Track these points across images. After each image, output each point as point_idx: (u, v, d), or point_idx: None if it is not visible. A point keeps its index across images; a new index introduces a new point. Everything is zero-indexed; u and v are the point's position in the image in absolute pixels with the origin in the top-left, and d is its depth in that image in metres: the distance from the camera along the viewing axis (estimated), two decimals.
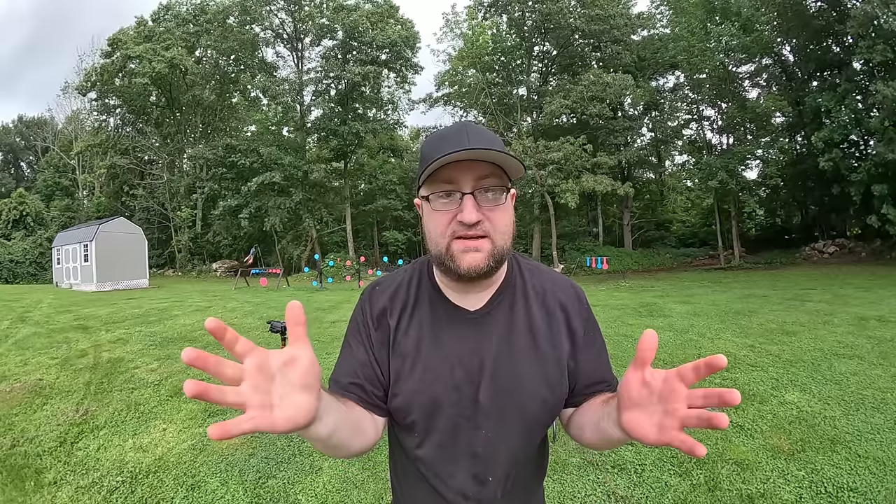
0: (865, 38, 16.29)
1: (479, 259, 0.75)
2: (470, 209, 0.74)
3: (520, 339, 0.83)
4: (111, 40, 28.82)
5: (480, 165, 0.75)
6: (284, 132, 31.15)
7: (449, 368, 0.80)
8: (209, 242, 31.67)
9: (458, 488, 0.81)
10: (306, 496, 2.65)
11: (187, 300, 12.53)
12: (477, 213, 0.74)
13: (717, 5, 20.32)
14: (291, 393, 0.51)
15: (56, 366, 5.41)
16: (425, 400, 0.80)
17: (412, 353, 0.82)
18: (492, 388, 0.80)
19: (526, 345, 0.83)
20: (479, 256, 0.75)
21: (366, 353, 0.85)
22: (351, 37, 26.30)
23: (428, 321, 0.84)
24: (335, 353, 3.85)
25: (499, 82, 27.94)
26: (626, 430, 0.61)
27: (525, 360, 0.82)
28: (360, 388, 0.83)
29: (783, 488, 2.53)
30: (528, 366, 0.82)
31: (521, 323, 0.84)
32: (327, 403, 0.62)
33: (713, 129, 24.81)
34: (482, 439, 0.80)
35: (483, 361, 0.81)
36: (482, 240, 0.76)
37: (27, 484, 2.79)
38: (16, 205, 28.51)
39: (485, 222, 0.75)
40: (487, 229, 0.76)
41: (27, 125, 47.53)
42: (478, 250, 0.75)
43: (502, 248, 0.78)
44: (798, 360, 4.86)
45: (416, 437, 0.83)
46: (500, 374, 0.81)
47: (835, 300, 8.79)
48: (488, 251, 0.76)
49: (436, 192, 0.77)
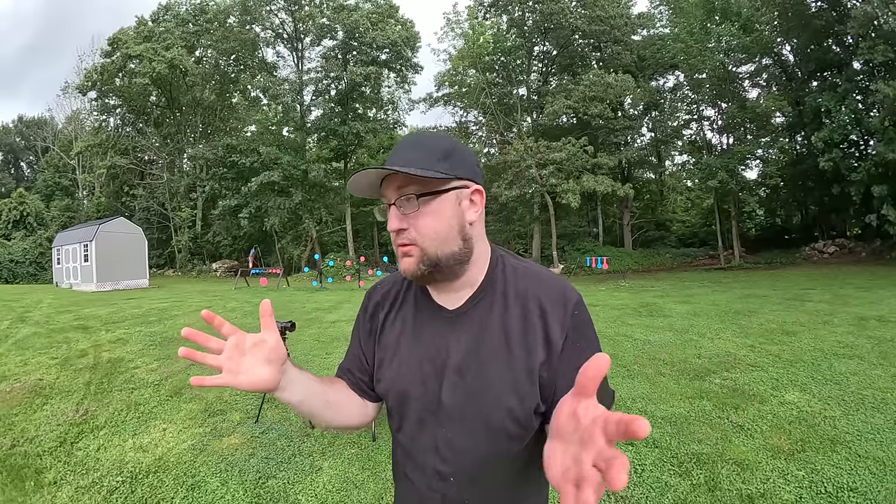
0: (866, 39, 16.29)
1: (409, 263, 0.81)
2: (391, 218, 0.81)
3: (492, 341, 0.82)
4: (111, 40, 28.83)
5: (398, 177, 0.79)
6: (284, 132, 31.15)
7: (418, 363, 0.85)
8: (209, 242, 31.66)
9: (426, 479, 0.85)
10: (306, 496, 2.65)
11: (187, 300, 12.53)
12: (398, 222, 0.80)
13: (718, 5, 20.31)
14: (256, 365, 0.71)
15: (56, 366, 5.41)
16: (398, 389, 0.87)
17: (393, 345, 0.90)
18: (455, 388, 0.82)
19: (498, 347, 0.82)
20: (409, 261, 0.81)
21: (357, 343, 0.97)
22: (351, 37, 26.30)
23: (411, 317, 0.90)
24: (335, 353, 3.91)
25: (499, 82, 27.93)
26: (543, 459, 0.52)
27: (494, 364, 0.81)
28: (348, 373, 0.96)
29: (783, 488, 2.53)
30: (496, 369, 0.80)
31: (495, 324, 0.83)
32: (295, 378, 0.79)
33: (713, 129, 24.82)
34: (443, 437, 0.83)
35: (448, 360, 0.83)
36: (410, 247, 0.80)
37: (27, 484, 2.79)
38: (16, 205, 28.51)
39: (410, 230, 0.80)
40: (413, 237, 0.80)
41: (27, 125, 47.51)
42: (408, 255, 0.80)
43: (435, 254, 0.79)
44: (798, 360, 4.86)
45: (395, 422, 0.91)
46: (466, 374, 0.82)
47: (835, 300, 8.79)
48: (417, 256, 0.80)
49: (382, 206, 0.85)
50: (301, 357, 5.75)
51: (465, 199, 0.82)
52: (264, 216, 26.28)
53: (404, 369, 0.87)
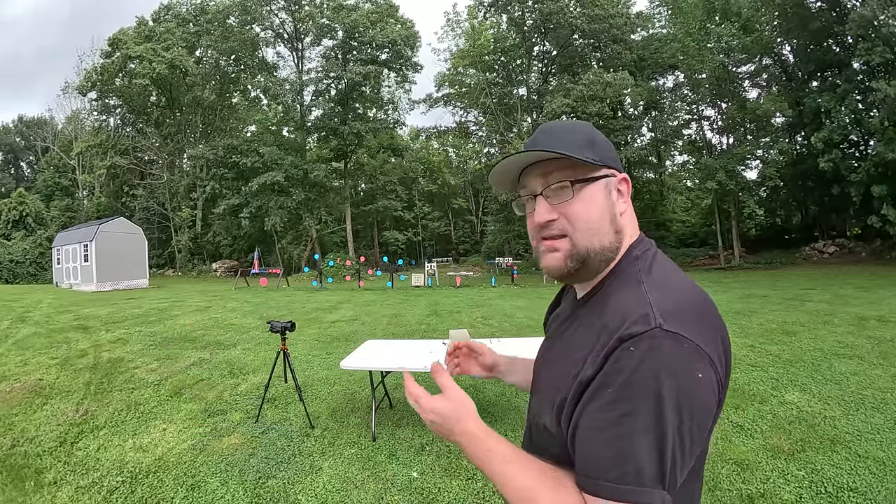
0: (865, 40, 16.30)
1: (556, 259, 0.74)
2: (539, 210, 0.74)
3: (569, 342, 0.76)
4: (111, 40, 28.84)
5: (546, 164, 0.74)
6: (284, 132, 31.17)
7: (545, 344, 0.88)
8: (209, 242, 31.67)
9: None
10: (306, 496, 2.65)
11: (187, 300, 12.53)
12: (548, 213, 0.73)
13: (717, 5, 20.33)
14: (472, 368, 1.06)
15: (56, 366, 5.41)
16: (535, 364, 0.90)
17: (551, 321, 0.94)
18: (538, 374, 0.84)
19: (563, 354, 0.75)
20: (556, 257, 0.74)
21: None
22: (351, 36, 26.32)
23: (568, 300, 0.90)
24: (336, 353, 3.90)
25: (499, 82, 27.96)
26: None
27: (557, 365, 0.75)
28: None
29: (783, 488, 2.53)
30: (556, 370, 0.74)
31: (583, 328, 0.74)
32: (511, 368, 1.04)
33: (713, 130, 24.84)
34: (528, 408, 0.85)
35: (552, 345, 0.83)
36: (560, 240, 0.74)
37: (27, 484, 2.79)
38: (16, 205, 28.51)
39: (560, 220, 0.73)
40: (564, 227, 0.73)
41: (27, 125, 47.53)
42: (556, 250, 0.74)
43: (585, 247, 0.72)
44: (798, 360, 4.86)
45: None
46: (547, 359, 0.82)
47: (835, 300, 8.79)
48: (566, 251, 0.73)
49: (522, 198, 0.80)
50: (301, 357, 5.75)
51: (613, 189, 0.76)
52: (265, 216, 26.30)
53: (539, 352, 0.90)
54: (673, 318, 0.61)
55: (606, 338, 0.63)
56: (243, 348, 6.34)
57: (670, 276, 0.72)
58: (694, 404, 0.58)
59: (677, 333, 0.59)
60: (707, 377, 0.60)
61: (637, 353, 0.59)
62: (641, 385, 0.58)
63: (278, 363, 3.89)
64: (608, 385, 0.60)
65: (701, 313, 0.66)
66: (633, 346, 0.59)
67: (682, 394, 0.58)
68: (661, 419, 0.57)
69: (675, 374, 0.58)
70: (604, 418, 0.59)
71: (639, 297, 0.65)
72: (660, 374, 0.57)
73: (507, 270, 21.01)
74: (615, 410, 0.58)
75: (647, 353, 0.58)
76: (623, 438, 0.57)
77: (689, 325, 0.61)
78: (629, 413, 0.57)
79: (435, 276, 18.21)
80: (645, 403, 0.57)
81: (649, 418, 0.57)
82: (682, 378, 0.58)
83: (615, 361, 0.60)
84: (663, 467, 0.57)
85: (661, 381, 0.57)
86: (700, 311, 0.66)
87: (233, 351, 6.18)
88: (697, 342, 0.60)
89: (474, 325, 7.99)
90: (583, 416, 0.62)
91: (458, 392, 0.75)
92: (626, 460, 0.57)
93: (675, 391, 0.57)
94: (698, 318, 0.64)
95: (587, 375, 0.63)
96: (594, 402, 0.61)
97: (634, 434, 0.57)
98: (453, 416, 0.72)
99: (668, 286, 0.68)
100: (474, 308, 10.43)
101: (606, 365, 0.61)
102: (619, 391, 0.59)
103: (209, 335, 7.27)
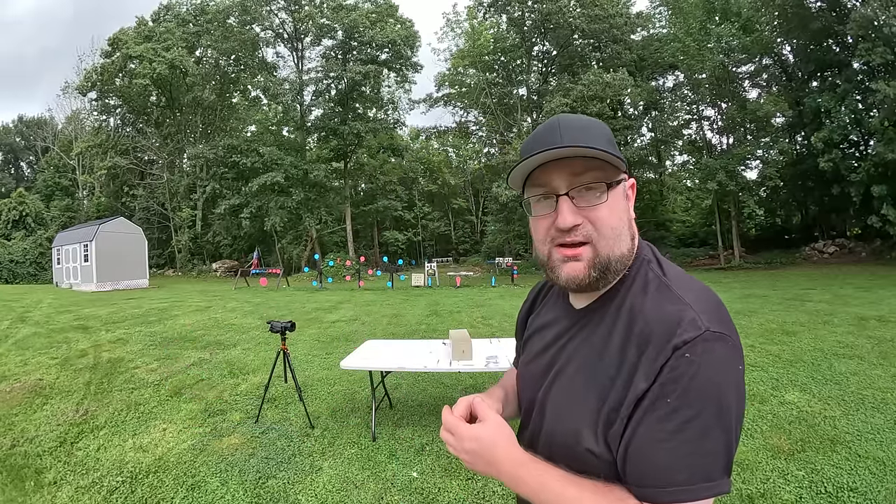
0: (866, 40, 16.30)
1: (578, 269, 0.69)
2: (565, 213, 0.68)
3: (590, 354, 0.70)
4: (111, 40, 28.84)
5: (575, 162, 0.68)
6: (284, 132, 31.17)
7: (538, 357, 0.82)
8: (209, 242, 31.68)
9: None
10: (306, 496, 2.65)
11: (187, 300, 12.53)
12: (574, 216, 0.67)
13: (717, 5, 20.33)
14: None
15: (56, 366, 5.41)
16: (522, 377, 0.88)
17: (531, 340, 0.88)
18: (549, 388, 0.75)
19: (588, 364, 0.70)
20: (578, 267, 0.68)
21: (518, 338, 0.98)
22: (351, 36, 26.33)
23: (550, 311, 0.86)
24: (335, 353, 3.90)
25: (499, 82, 27.95)
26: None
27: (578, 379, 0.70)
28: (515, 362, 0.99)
29: (783, 488, 2.53)
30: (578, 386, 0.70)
31: (599, 336, 0.70)
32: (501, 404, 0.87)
33: (713, 130, 24.84)
34: (532, 434, 0.79)
35: (556, 359, 0.76)
36: (583, 247, 0.68)
37: (27, 484, 2.79)
38: (16, 205, 28.51)
39: (585, 225, 0.68)
40: (589, 234, 0.68)
41: (27, 125, 47.53)
42: (578, 259, 0.69)
43: (607, 255, 0.68)
44: (798, 360, 4.86)
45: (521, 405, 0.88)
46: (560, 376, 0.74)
47: (835, 300, 8.79)
48: (589, 260, 0.68)
49: (533, 196, 0.73)
50: (301, 357, 5.76)
51: (627, 191, 0.72)
52: (265, 216, 26.32)
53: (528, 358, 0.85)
54: (714, 318, 0.62)
55: (656, 347, 0.61)
56: (243, 348, 6.34)
57: (683, 276, 0.70)
58: (741, 394, 0.62)
59: (723, 333, 0.61)
60: (743, 367, 0.63)
61: (694, 359, 0.58)
62: (702, 389, 0.58)
63: (278, 363, 3.89)
64: (667, 395, 0.59)
65: (723, 309, 0.66)
66: (689, 353, 0.59)
67: (736, 388, 0.60)
68: (726, 415, 0.59)
69: (728, 372, 0.60)
70: (665, 429, 0.58)
71: (676, 301, 0.64)
72: (717, 374, 0.59)
73: (507, 270, 21.01)
74: (679, 419, 0.58)
75: (703, 356, 0.59)
76: (690, 442, 0.58)
77: (726, 324, 0.63)
78: (693, 418, 0.58)
79: (435, 276, 18.21)
80: (708, 405, 0.58)
81: (714, 418, 0.58)
82: (733, 374, 0.60)
83: (672, 370, 0.59)
84: (729, 459, 0.60)
85: (719, 381, 0.59)
86: (722, 307, 0.67)
87: (233, 351, 6.18)
88: (736, 339, 0.63)
89: (474, 325, 7.98)
90: (639, 431, 0.61)
91: (499, 418, 0.72)
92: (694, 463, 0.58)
93: (731, 388, 0.60)
94: (726, 315, 0.66)
95: (641, 388, 0.61)
96: (652, 414, 0.60)
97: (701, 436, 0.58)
98: (492, 440, 0.68)
99: (693, 287, 0.67)
100: (474, 308, 10.43)
101: (662, 375, 0.59)
102: (680, 398, 0.58)
103: (209, 335, 7.27)
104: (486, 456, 0.68)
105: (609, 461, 0.64)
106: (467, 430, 0.70)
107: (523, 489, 0.65)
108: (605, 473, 0.65)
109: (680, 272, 0.71)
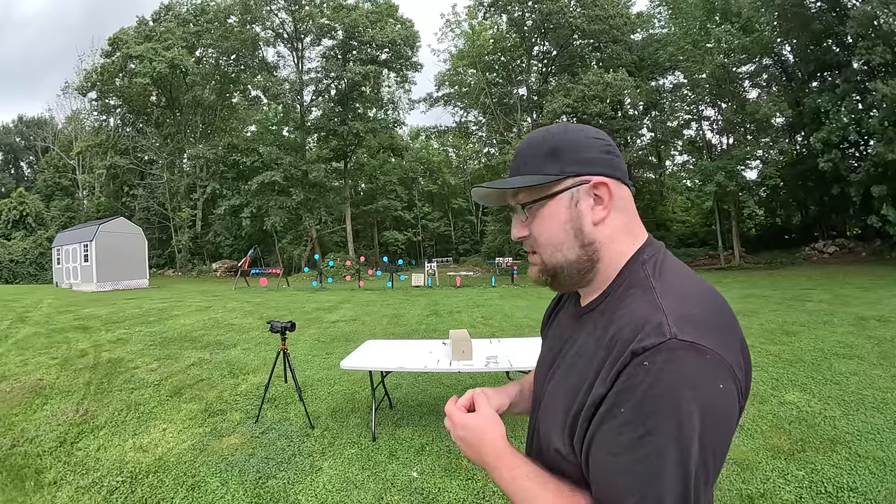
0: (865, 39, 16.30)
1: (532, 272, 0.77)
2: (513, 227, 0.78)
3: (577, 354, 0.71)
4: (112, 40, 28.84)
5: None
6: (284, 132, 31.18)
7: (547, 352, 0.83)
8: (209, 242, 31.68)
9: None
10: (306, 496, 2.65)
11: (187, 300, 12.53)
12: (519, 230, 0.76)
13: (717, 6, 20.32)
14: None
15: (56, 366, 5.41)
16: (534, 374, 0.87)
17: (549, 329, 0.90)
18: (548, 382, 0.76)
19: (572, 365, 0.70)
20: (532, 270, 0.77)
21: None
22: (351, 36, 26.32)
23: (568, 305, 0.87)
24: (336, 353, 3.90)
25: (499, 82, 27.95)
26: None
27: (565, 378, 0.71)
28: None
29: (783, 488, 2.53)
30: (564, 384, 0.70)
31: (583, 340, 0.70)
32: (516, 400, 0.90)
33: (713, 130, 24.85)
34: (532, 431, 0.80)
35: (559, 355, 0.77)
36: (534, 255, 0.76)
37: (27, 484, 2.79)
38: (16, 205, 28.52)
39: (530, 237, 0.75)
40: (533, 244, 0.75)
41: (27, 125, 47.54)
42: (533, 263, 0.77)
43: (551, 263, 0.73)
44: (798, 360, 4.86)
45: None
46: (556, 373, 0.75)
47: (835, 300, 8.79)
48: (539, 265, 0.75)
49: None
50: (301, 357, 5.76)
51: (583, 199, 0.70)
52: (265, 216, 26.31)
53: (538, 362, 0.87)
54: (689, 325, 0.56)
55: (618, 351, 0.58)
56: (243, 348, 6.34)
57: (684, 279, 0.66)
58: (716, 418, 0.54)
59: (695, 343, 0.54)
60: (727, 387, 0.55)
61: (652, 368, 0.54)
62: (658, 403, 0.53)
63: (278, 363, 3.89)
64: (620, 404, 0.55)
65: (720, 319, 0.61)
66: (647, 361, 0.54)
67: (705, 408, 0.53)
68: (683, 439, 0.52)
69: (695, 388, 0.53)
70: (618, 441, 0.55)
71: (650, 304, 0.60)
72: (678, 389, 0.53)
73: (507, 270, 21.01)
74: (631, 433, 0.54)
75: (663, 366, 0.53)
76: (641, 462, 0.53)
77: (707, 333, 0.56)
78: (646, 435, 0.53)
79: (435, 276, 18.21)
80: (664, 423, 0.52)
81: (669, 439, 0.52)
82: (702, 391, 0.53)
83: (628, 378, 0.55)
84: (686, 490, 0.52)
85: (679, 397, 0.52)
86: (719, 316, 0.61)
87: (233, 351, 6.18)
88: (718, 351, 0.55)
89: (474, 325, 7.98)
90: (595, 439, 0.58)
91: (491, 411, 0.78)
92: (646, 486, 0.53)
93: (696, 406, 0.52)
94: (717, 324, 0.60)
95: (599, 393, 0.58)
96: (607, 423, 0.56)
97: (653, 457, 0.52)
98: (481, 429, 0.74)
99: (683, 290, 0.63)
100: (474, 308, 10.43)
101: (618, 382, 0.56)
102: (633, 411, 0.54)
103: (209, 335, 7.27)
104: (474, 444, 0.74)
105: (575, 463, 0.63)
106: (460, 418, 0.77)
107: (498, 480, 0.69)
108: (573, 475, 0.64)
109: (681, 276, 0.67)
